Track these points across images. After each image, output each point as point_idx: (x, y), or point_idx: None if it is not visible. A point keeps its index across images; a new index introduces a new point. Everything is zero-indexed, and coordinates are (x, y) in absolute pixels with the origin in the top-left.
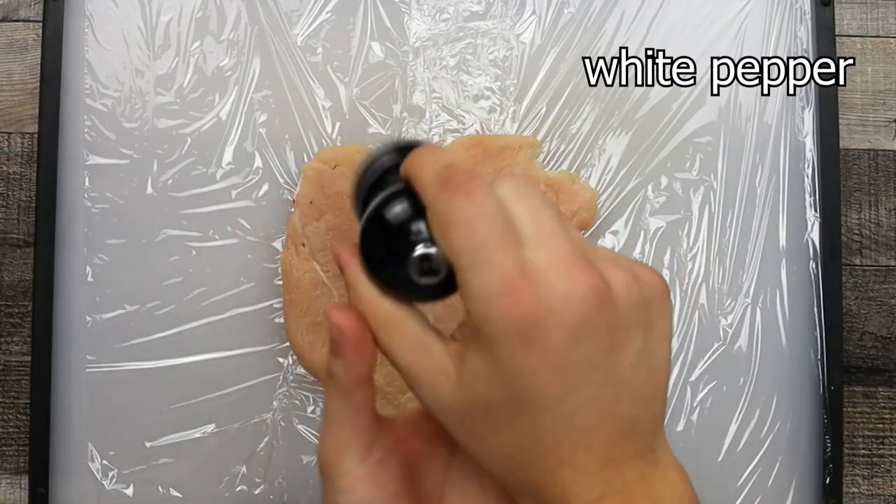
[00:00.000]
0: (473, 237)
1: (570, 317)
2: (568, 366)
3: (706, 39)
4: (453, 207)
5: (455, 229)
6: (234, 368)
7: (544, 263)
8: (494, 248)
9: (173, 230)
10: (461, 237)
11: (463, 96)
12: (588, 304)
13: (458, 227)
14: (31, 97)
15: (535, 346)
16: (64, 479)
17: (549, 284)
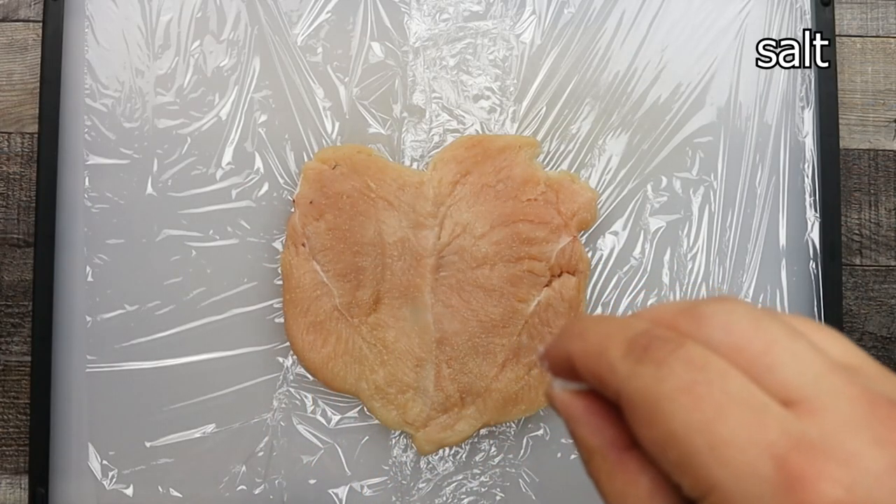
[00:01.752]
0: (703, 408)
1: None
2: None
3: (706, 39)
4: (660, 379)
5: (672, 404)
6: (234, 368)
7: (830, 429)
8: (741, 419)
9: (173, 230)
10: (684, 413)
11: (463, 96)
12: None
13: (675, 401)
14: (31, 97)
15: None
16: (64, 479)
17: (853, 461)
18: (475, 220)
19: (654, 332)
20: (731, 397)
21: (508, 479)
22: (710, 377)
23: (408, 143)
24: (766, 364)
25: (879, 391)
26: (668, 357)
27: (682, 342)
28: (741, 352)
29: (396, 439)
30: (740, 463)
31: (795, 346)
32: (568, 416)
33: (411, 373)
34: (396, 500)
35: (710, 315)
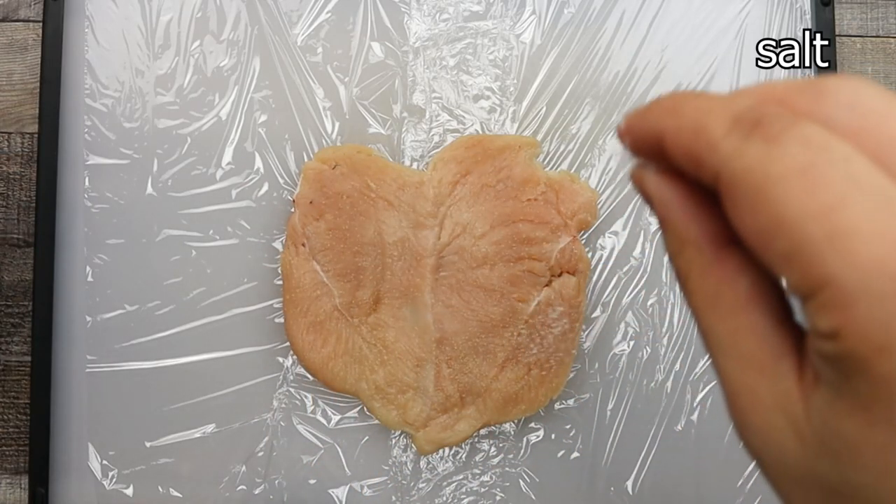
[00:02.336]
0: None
1: None
2: None
3: (706, 39)
4: (772, 158)
5: (785, 187)
6: (234, 368)
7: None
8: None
9: (173, 230)
10: (799, 197)
11: (463, 96)
12: None
13: (789, 183)
14: (31, 97)
15: None
16: (64, 479)
17: None
18: (475, 220)
19: (764, 109)
20: (856, 183)
21: (508, 479)
22: (832, 159)
23: (408, 143)
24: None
25: None
26: (782, 134)
27: (798, 120)
28: (870, 134)
29: (396, 439)
30: (864, 256)
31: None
32: (660, 199)
33: (411, 373)
34: (396, 500)
35: (834, 90)
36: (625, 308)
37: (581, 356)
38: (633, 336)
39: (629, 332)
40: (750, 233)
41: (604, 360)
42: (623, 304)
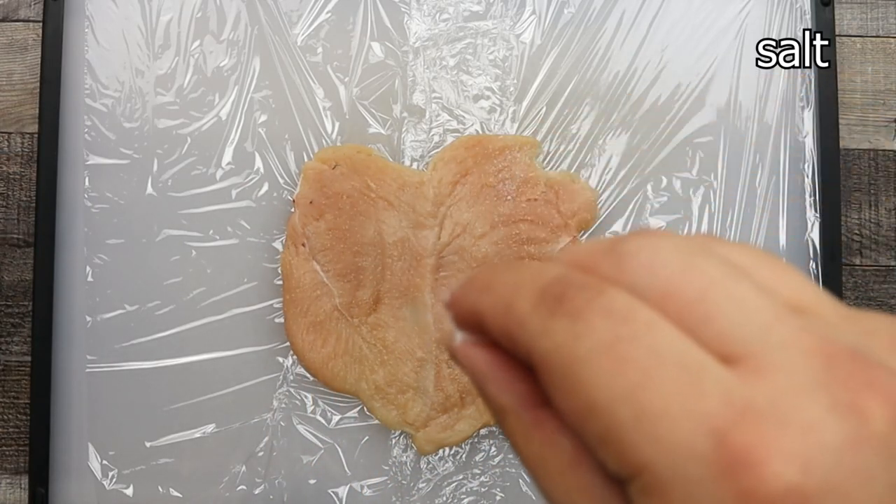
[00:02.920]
0: (627, 371)
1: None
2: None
3: (706, 39)
4: (579, 336)
5: (591, 368)
6: (234, 368)
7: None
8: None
9: (173, 230)
10: (605, 378)
11: (463, 96)
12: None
13: (595, 363)
14: (31, 97)
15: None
16: (64, 479)
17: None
18: (475, 220)
19: (569, 279)
20: (660, 357)
21: (508, 479)
22: (635, 331)
23: (408, 143)
24: (701, 313)
25: (839, 339)
26: (585, 308)
27: (601, 289)
28: (671, 298)
29: (396, 439)
30: (672, 439)
31: (737, 288)
32: (473, 371)
33: (411, 373)
34: (396, 500)
35: (634, 252)
36: None
37: None
38: None
39: None
40: (566, 414)
41: None
42: None
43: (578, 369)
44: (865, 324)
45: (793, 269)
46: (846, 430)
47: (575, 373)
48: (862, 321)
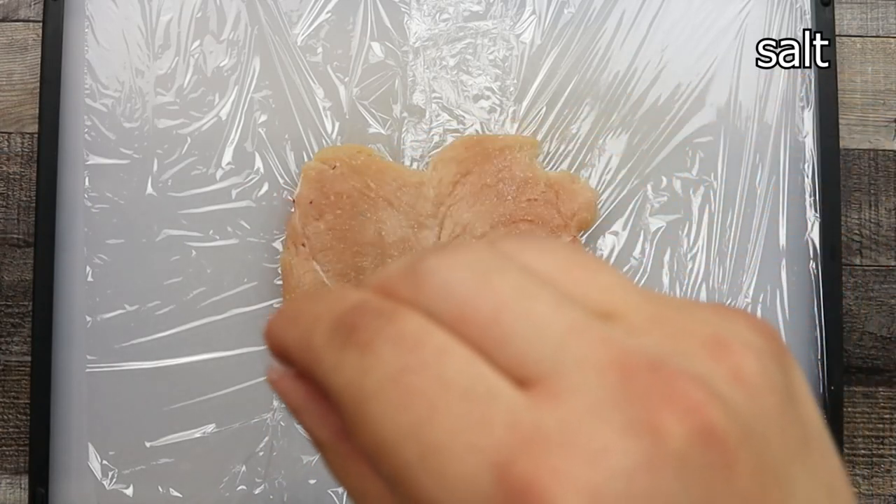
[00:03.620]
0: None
1: None
2: None
3: (706, 39)
4: (367, 369)
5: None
6: (234, 368)
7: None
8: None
9: (173, 230)
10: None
11: (463, 96)
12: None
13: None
14: (31, 97)
15: None
16: (64, 479)
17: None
18: (475, 220)
19: (364, 306)
20: (447, 387)
21: None
22: (423, 361)
23: (408, 143)
24: (496, 335)
25: (641, 348)
26: (375, 338)
27: (394, 315)
28: (467, 321)
29: None
30: (455, 477)
31: (533, 304)
32: (289, 403)
33: None
34: None
35: (430, 273)
36: None
37: None
38: None
39: None
40: (364, 451)
41: None
42: None
43: (367, 405)
44: (676, 323)
45: (603, 267)
46: (639, 452)
47: (364, 409)
48: (673, 320)
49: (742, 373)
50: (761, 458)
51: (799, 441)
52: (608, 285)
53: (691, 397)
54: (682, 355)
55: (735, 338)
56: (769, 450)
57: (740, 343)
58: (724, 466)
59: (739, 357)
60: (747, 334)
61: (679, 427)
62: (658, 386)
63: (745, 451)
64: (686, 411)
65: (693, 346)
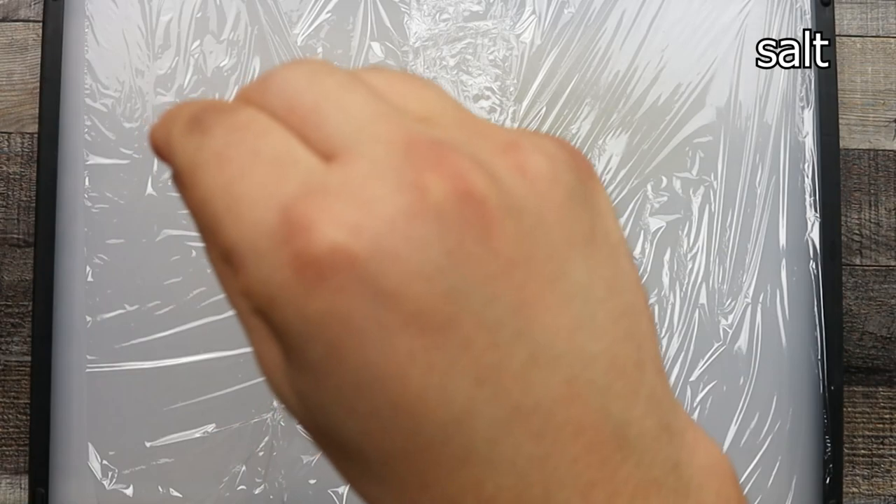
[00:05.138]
0: (229, 167)
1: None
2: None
3: (706, 39)
4: (201, 146)
5: (202, 170)
6: (234, 368)
7: (353, 176)
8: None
9: (173, 230)
10: (211, 175)
11: (463, 96)
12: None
13: (207, 164)
14: (31, 97)
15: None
16: (64, 479)
17: (366, 205)
18: None
19: (215, 105)
20: (259, 156)
21: None
22: (244, 138)
23: None
24: (314, 120)
25: (431, 134)
26: (214, 126)
27: (233, 109)
28: (293, 112)
29: None
30: (248, 218)
31: (348, 97)
32: None
33: None
34: None
35: (271, 78)
36: None
37: None
38: None
39: None
40: (192, 217)
41: None
42: None
43: (195, 174)
44: (480, 128)
45: (429, 85)
46: (402, 202)
47: (193, 177)
48: (479, 127)
49: (526, 166)
50: (531, 234)
51: (583, 237)
52: (427, 98)
53: (458, 165)
54: (472, 147)
55: (531, 144)
56: (542, 230)
57: (534, 147)
58: (482, 225)
59: (527, 155)
60: (549, 146)
61: (440, 185)
62: (433, 157)
63: (509, 219)
64: (450, 175)
65: (487, 145)
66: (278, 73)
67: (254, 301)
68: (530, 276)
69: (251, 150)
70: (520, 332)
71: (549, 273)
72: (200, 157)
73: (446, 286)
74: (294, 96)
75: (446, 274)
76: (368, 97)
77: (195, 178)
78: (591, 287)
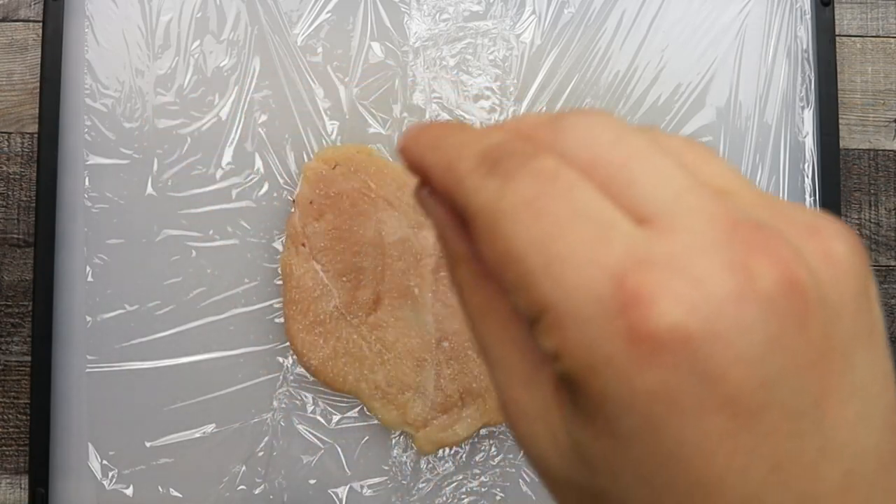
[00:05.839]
0: (543, 221)
1: (754, 337)
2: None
3: (706, 39)
4: (506, 193)
5: (511, 220)
6: (234, 368)
7: (680, 249)
8: (582, 235)
9: (173, 230)
10: (524, 227)
11: (463, 96)
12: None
13: (516, 216)
14: (31, 97)
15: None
16: (64, 479)
17: (699, 283)
18: None
19: (509, 145)
20: (575, 212)
21: (508, 479)
22: (556, 190)
23: None
24: (623, 179)
25: (748, 213)
26: (517, 170)
27: (535, 154)
28: (599, 165)
29: (396, 439)
30: (574, 281)
31: (659, 160)
32: (435, 217)
33: (411, 373)
34: (396, 500)
35: (571, 126)
36: None
37: None
38: None
39: None
40: (490, 263)
41: None
42: None
43: (501, 221)
44: (779, 208)
45: (717, 156)
46: (733, 285)
47: (498, 224)
48: (780, 208)
49: (831, 253)
50: (832, 326)
51: (866, 330)
52: (722, 170)
53: (784, 252)
54: (784, 230)
55: (829, 228)
56: (840, 323)
57: (834, 233)
58: (801, 315)
59: (831, 242)
60: (844, 232)
61: (770, 272)
62: (758, 239)
63: (820, 311)
64: (778, 261)
65: (793, 226)
66: (578, 122)
67: (567, 363)
68: (829, 368)
69: (567, 206)
70: (817, 423)
71: (841, 366)
72: (506, 205)
73: (763, 373)
74: (600, 150)
75: (765, 361)
76: (677, 163)
77: (500, 225)
78: (871, 382)
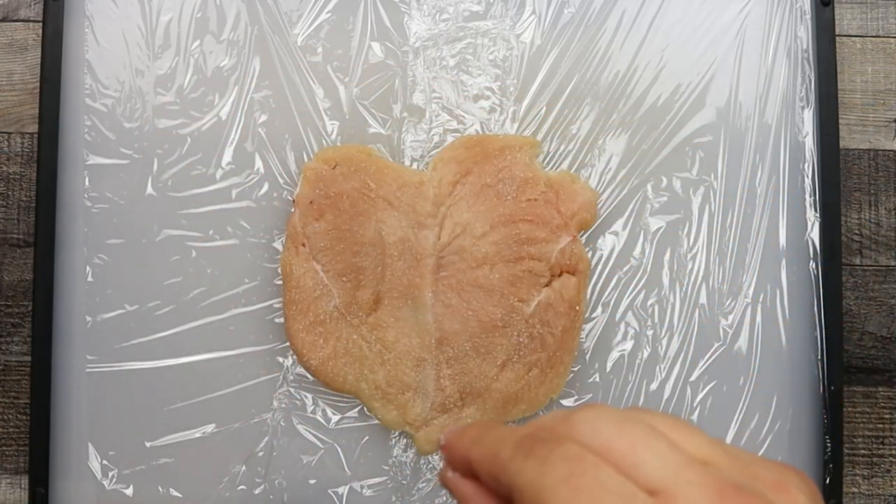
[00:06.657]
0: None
1: None
2: None
3: (706, 39)
4: (543, 472)
5: (554, 493)
6: (234, 368)
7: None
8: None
9: (173, 230)
10: (564, 500)
11: (463, 96)
12: None
13: (557, 490)
14: (31, 97)
15: None
16: (64, 479)
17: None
18: (475, 220)
19: (539, 434)
20: (604, 487)
21: None
22: (585, 469)
23: (408, 143)
24: (631, 461)
25: (728, 479)
26: (550, 454)
27: (561, 441)
28: (609, 451)
29: (396, 439)
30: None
31: (656, 444)
32: (461, 495)
33: (411, 373)
34: (396, 500)
35: (581, 421)
36: (625, 308)
37: (581, 356)
38: (633, 336)
39: (629, 332)
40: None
41: (604, 360)
42: (623, 304)
43: (545, 495)
44: (752, 469)
45: (695, 430)
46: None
47: (542, 497)
48: (750, 467)
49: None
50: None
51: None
52: (701, 442)
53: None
54: (758, 488)
55: (791, 483)
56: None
57: (797, 487)
58: None
59: (796, 496)
60: (797, 481)
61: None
62: (741, 500)
63: None
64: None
65: (764, 483)
66: (587, 416)
67: None
68: None
69: (596, 482)
70: None
71: None
72: (547, 482)
73: None
74: (609, 438)
75: None
76: (669, 444)
77: (544, 498)
78: None
